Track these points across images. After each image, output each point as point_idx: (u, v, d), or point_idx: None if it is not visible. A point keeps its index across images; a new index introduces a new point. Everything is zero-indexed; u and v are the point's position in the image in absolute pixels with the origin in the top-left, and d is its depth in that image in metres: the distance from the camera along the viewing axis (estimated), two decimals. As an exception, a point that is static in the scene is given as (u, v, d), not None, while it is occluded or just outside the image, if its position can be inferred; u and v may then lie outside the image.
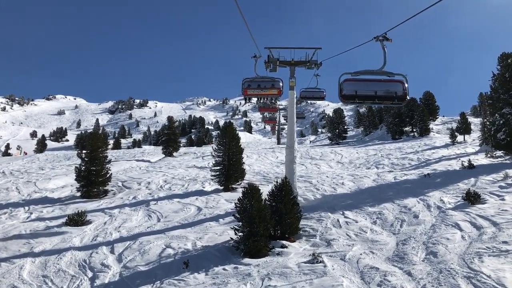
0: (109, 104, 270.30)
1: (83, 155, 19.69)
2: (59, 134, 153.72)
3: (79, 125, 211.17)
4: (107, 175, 20.03)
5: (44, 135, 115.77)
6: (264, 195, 12.31)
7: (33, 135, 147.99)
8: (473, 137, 34.59)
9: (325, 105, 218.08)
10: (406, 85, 10.55)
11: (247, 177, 21.53)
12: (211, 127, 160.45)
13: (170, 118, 38.62)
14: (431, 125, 44.23)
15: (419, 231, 11.57)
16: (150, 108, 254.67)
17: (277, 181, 12.49)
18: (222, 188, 19.14)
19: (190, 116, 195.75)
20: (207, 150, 39.83)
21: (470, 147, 29.08)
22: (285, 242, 11.35)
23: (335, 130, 52.45)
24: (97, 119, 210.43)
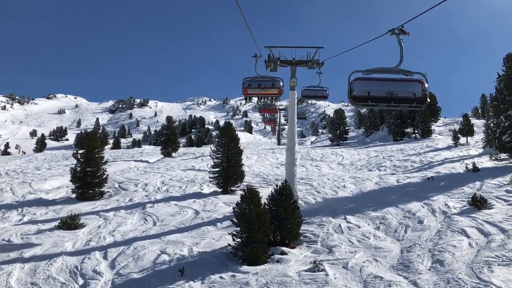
0: (110, 103, 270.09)
1: (78, 155, 19.23)
2: (59, 133, 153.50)
3: (79, 124, 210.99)
4: (103, 176, 19.59)
5: (43, 134, 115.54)
6: (263, 198, 11.95)
7: (33, 134, 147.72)
8: (475, 139, 34.14)
9: (325, 106, 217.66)
10: (426, 85, 9.06)
11: (247, 179, 21.10)
12: (211, 127, 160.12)
13: (169, 118, 38.17)
14: (433, 127, 43.77)
15: (424, 238, 11.15)
16: (150, 107, 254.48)
17: (277, 185, 12.06)
18: (220, 190, 18.71)
19: (190, 116, 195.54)
20: (206, 150, 39.37)
21: (473, 149, 28.63)
22: (285, 248, 10.93)
23: (336, 131, 51.98)
24: (97, 119, 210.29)
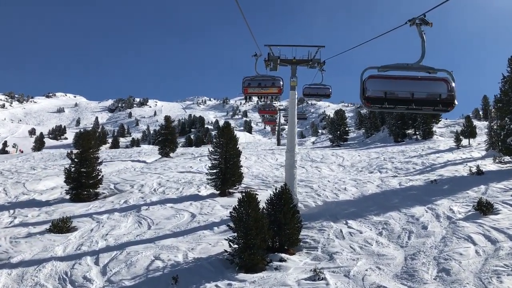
0: (109, 102, 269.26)
1: (73, 155, 18.75)
2: (58, 132, 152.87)
3: (78, 123, 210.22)
4: (98, 177, 19.12)
5: (42, 133, 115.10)
6: (262, 200, 11.51)
7: (32, 132, 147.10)
8: (477, 141, 33.69)
9: (325, 106, 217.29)
10: (452, 85, 7.50)
11: (245, 180, 20.63)
12: (211, 127, 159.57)
13: (167, 117, 37.66)
14: (434, 128, 43.33)
15: (428, 244, 10.71)
16: (150, 107, 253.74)
17: (276, 188, 11.61)
18: (218, 192, 18.23)
19: (190, 115, 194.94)
20: (205, 150, 38.84)
21: (475, 152, 28.18)
22: (283, 255, 10.47)
23: (336, 131, 51.45)
24: (97, 118, 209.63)
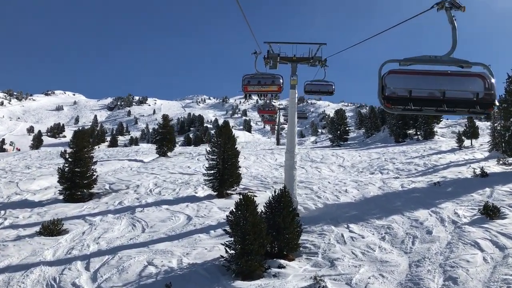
0: (108, 100, 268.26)
1: (66, 155, 18.26)
2: (57, 130, 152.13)
3: (77, 121, 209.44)
4: (93, 177, 18.63)
5: (40, 131, 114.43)
6: (261, 202, 11.06)
7: (30, 130, 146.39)
8: (480, 142, 33.24)
9: (325, 105, 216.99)
10: (491, 81, 6.21)
11: (244, 181, 20.16)
12: (210, 126, 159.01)
13: (165, 116, 37.13)
14: (435, 128, 42.86)
15: (434, 250, 10.27)
16: (149, 105, 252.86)
17: (275, 191, 11.16)
18: (215, 194, 17.73)
19: (189, 114, 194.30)
20: (203, 150, 38.39)
21: (478, 153, 27.70)
22: (282, 261, 10.02)
23: (336, 131, 50.96)
24: (96, 116, 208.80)
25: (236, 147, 18.80)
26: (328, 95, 16.87)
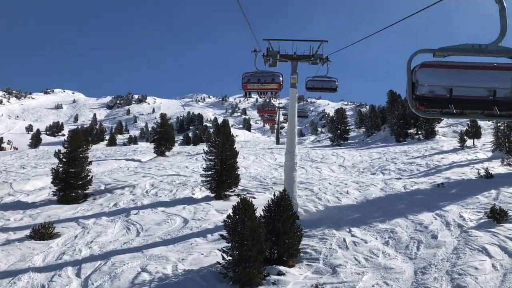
0: (108, 99, 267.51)
1: (60, 155, 17.79)
2: (55, 128, 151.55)
3: (76, 119, 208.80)
4: (88, 177, 18.17)
5: (39, 130, 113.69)
6: (260, 204, 10.60)
7: (29, 129, 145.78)
8: (482, 142, 32.77)
9: (325, 104, 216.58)
10: None
11: (243, 182, 19.72)
12: (209, 125, 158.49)
13: (162, 115, 36.61)
14: (436, 128, 42.38)
15: (440, 256, 9.84)
16: (148, 104, 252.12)
17: (274, 194, 10.71)
18: (213, 195, 17.27)
19: (188, 112, 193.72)
20: (202, 149, 37.98)
21: (481, 153, 27.26)
22: (282, 268, 9.57)
23: (336, 131, 50.44)
24: (95, 114, 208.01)
25: (234, 147, 18.34)
26: (331, 92, 15.87)
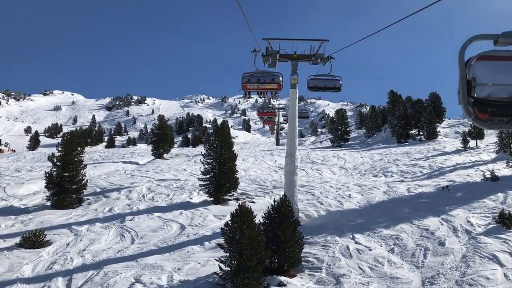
0: (107, 100, 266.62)
1: (54, 158, 17.29)
2: (54, 130, 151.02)
3: (75, 121, 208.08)
4: (82, 181, 17.68)
5: (37, 131, 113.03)
6: (260, 209, 10.11)
7: (28, 131, 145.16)
8: (485, 143, 32.30)
9: (325, 105, 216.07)
10: None
11: (242, 185, 19.23)
12: (209, 126, 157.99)
13: (161, 117, 36.10)
14: (438, 128, 41.92)
15: (448, 265, 9.37)
16: (148, 105, 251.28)
17: (274, 200, 10.24)
18: (211, 200, 16.76)
19: (188, 114, 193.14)
20: (201, 151, 37.46)
21: (484, 154, 26.79)
22: (283, 278, 9.10)
23: (337, 132, 49.87)
24: (94, 116, 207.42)
25: (233, 149, 17.84)
26: (335, 92, 14.49)
